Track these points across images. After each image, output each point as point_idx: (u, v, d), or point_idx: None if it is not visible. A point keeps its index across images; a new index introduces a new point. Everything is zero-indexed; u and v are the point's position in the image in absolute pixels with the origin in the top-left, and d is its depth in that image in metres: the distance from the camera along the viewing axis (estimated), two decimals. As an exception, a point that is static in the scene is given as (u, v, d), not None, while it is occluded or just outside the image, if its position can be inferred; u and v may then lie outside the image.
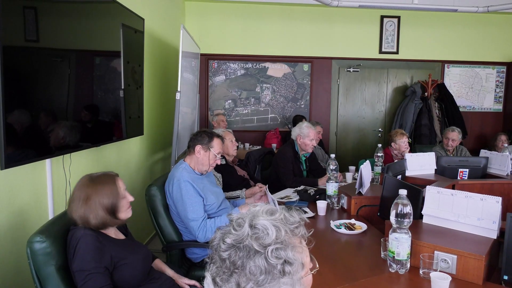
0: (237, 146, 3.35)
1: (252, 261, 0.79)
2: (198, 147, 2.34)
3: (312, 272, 0.87)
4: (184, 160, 2.41)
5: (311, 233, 0.88)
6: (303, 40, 5.67)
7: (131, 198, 1.69)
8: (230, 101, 5.69)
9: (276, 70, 5.68)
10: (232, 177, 3.06)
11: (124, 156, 3.29)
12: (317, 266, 0.88)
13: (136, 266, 1.65)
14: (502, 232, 1.61)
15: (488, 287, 1.50)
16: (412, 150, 4.87)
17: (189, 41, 4.07)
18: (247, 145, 5.35)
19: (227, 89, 5.67)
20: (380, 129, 5.97)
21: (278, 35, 5.62)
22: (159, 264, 1.91)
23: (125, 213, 1.65)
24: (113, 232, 1.66)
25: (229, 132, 3.19)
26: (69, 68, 2.18)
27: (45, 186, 2.12)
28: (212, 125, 5.03)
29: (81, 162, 2.47)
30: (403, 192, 1.57)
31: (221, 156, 3.06)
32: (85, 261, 1.48)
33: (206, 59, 5.53)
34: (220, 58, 5.59)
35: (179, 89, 3.37)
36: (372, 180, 3.02)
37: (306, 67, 5.72)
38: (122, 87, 2.86)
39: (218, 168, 2.97)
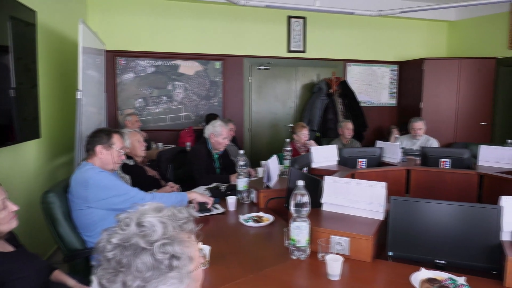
0: (146, 146, 3.26)
1: (139, 259, 0.79)
2: (99, 148, 2.23)
3: (202, 266, 0.89)
4: (87, 161, 2.28)
5: (199, 228, 0.90)
6: (215, 38, 5.68)
7: (14, 208, 1.55)
8: (141, 99, 5.49)
9: (188, 67, 5.62)
10: (141, 178, 2.97)
11: (19, 161, 3.00)
12: (207, 259, 0.90)
13: (30, 279, 1.52)
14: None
15: (376, 264, 1.67)
16: (320, 143, 5.21)
17: (90, 37, 3.83)
18: (160, 144, 5.20)
19: (137, 88, 5.46)
20: (290, 125, 6.25)
21: (189, 33, 5.56)
22: (58, 275, 1.78)
23: (6, 225, 1.51)
24: (-2, 246, 1.51)
25: (136, 132, 3.09)
26: None
27: None
28: (125, 125, 4.81)
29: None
30: (300, 183, 1.67)
31: (129, 157, 2.96)
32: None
33: (112, 56, 5.25)
34: (128, 55, 5.35)
35: (80, 88, 3.17)
36: (282, 174, 3.15)
37: (218, 64, 5.75)
38: (13, 86, 2.60)
39: (126, 169, 2.86)
